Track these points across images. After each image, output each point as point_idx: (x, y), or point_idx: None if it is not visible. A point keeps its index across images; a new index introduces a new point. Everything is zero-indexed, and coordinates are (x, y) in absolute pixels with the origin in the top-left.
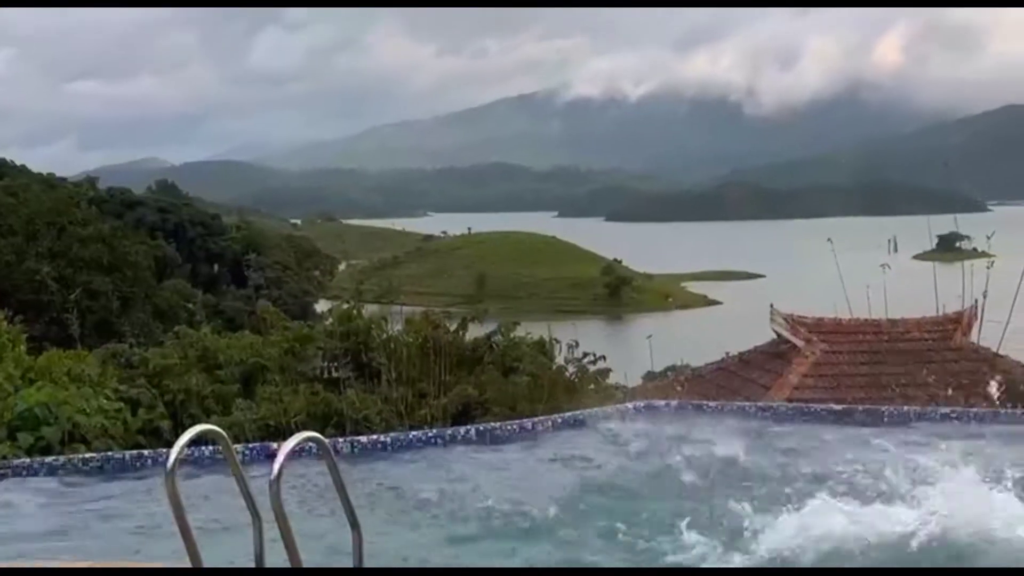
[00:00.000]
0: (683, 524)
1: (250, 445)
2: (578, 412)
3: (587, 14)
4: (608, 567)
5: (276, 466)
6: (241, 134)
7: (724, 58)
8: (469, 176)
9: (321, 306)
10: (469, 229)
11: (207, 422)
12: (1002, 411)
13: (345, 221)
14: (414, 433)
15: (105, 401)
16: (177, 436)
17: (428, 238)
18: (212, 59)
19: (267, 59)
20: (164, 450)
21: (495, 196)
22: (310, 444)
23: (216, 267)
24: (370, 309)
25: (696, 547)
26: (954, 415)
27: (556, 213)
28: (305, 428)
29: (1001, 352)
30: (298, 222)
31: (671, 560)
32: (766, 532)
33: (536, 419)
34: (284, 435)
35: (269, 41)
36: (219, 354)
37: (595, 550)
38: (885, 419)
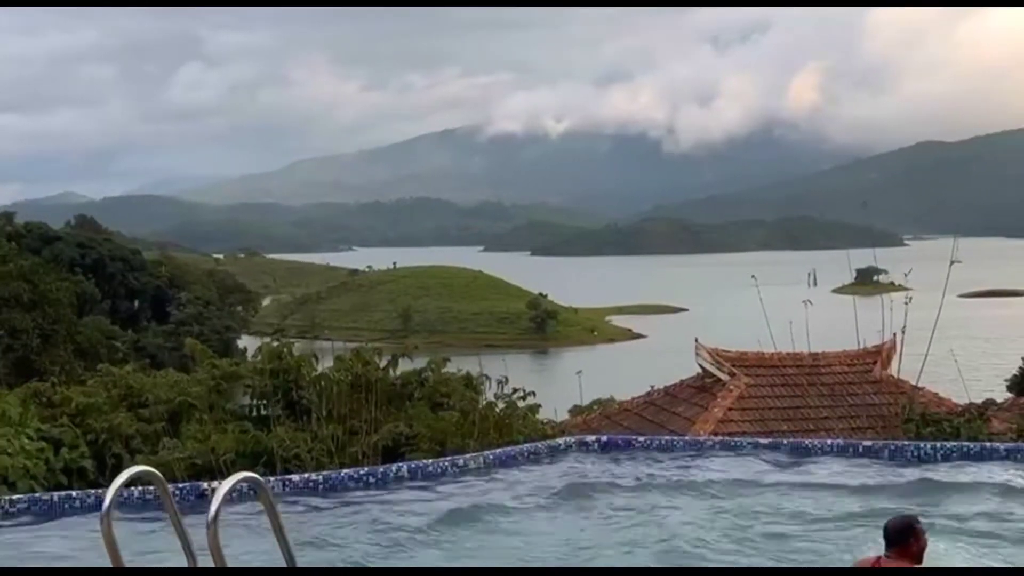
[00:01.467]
0: None
1: (180, 485)
2: (509, 448)
3: (510, 50)
4: (608, 567)
5: (213, 507)
6: (161, 168)
7: (643, 95)
8: (394, 211)
9: (244, 342)
10: (394, 264)
11: (132, 462)
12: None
13: (268, 256)
14: (346, 472)
15: (27, 441)
16: (101, 476)
17: (353, 273)
18: (131, 93)
19: (187, 93)
20: (93, 491)
21: (420, 231)
22: (243, 484)
23: (136, 303)
24: (300, 346)
25: None
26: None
27: (482, 247)
28: (234, 467)
29: (920, 384)
30: (220, 256)
31: None
32: None
33: (469, 455)
34: (213, 474)
35: (189, 75)
36: (144, 392)
37: None
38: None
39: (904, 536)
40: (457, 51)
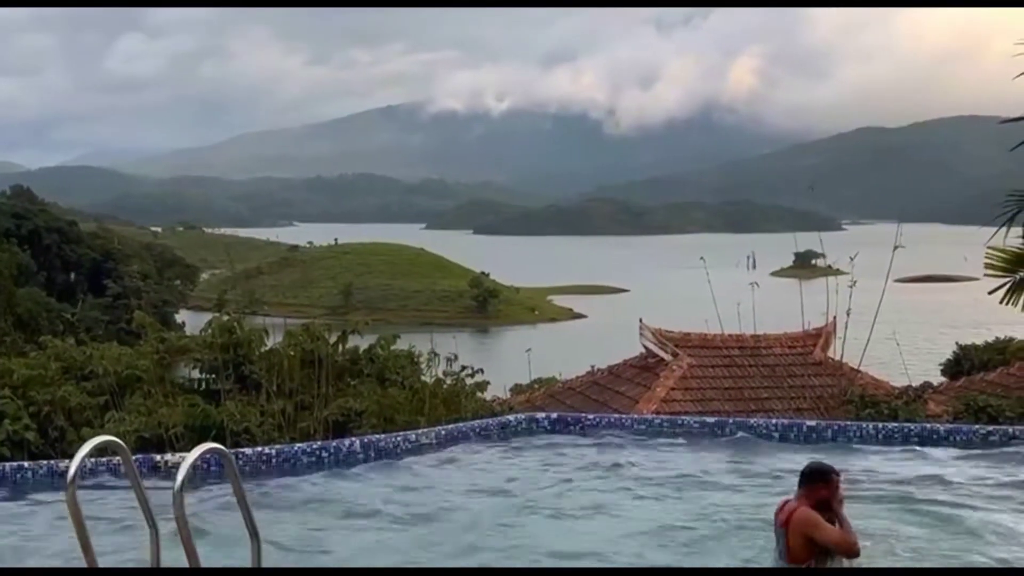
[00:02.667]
0: None
1: (134, 456)
2: (460, 424)
3: (456, 28)
4: (607, 567)
5: (180, 476)
6: (99, 140)
7: (586, 76)
8: (336, 187)
9: (182, 316)
10: (336, 240)
11: (77, 434)
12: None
13: (208, 230)
14: (299, 446)
15: None
16: (45, 448)
17: (294, 248)
18: (70, 63)
19: (128, 64)
20: (46, 462)
21: (363, 207)
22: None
23: (72, 276)
24: (251, 321)
25: None
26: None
27: (424, 225)
28: (183, 440)
29: (859, 367)
30: (159, 230)
31: None
32: None
33: (420, 431)
34: (161, 447)
35: (130, 46)
36: (88, 365)
37: None
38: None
39: (813, 479)
40: (403, 27)
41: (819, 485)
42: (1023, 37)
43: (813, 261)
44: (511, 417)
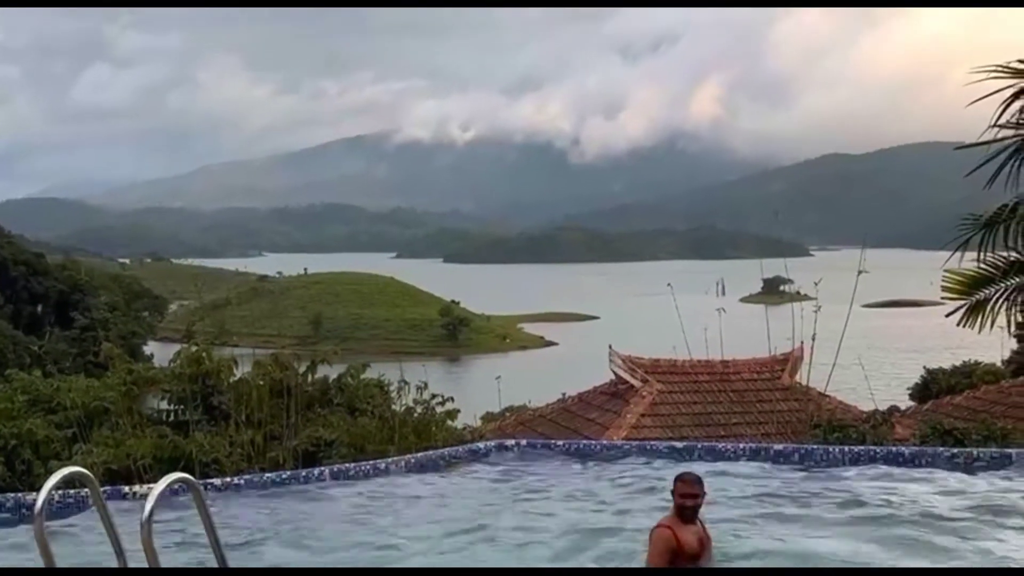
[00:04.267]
0: None
1: (103, 488)
2: (430, 452)
3: (424, 56)
4: (605, 567)
5: (148, 506)
6: (66, 171)
7: (551, 106)
8: (305, 217)
9: (151, 348)
10: (305, 270)
11: (44, 467)
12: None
13: (176, 261)
14: (268, 475)
15: None
16: (12, 481)
17: (263, 279)
18: (35, 93)
19: (94, 94)
20: (12, 495)
21: (331, 237)
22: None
23: (40, 308)
24: (219, 351)
25: None
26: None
27: (394, 254)
28: (151, 471)
29: (826, 392)
30: (127, 261)
31: None
32: None
33: (390, 459)
34: (130, 479)
35: (97, 76)
36: (55, 397)
37: None
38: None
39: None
40: (372, 56)
41: (673, 493)
42: (979, 65)
43: (781, 287)
44: (480, 444)
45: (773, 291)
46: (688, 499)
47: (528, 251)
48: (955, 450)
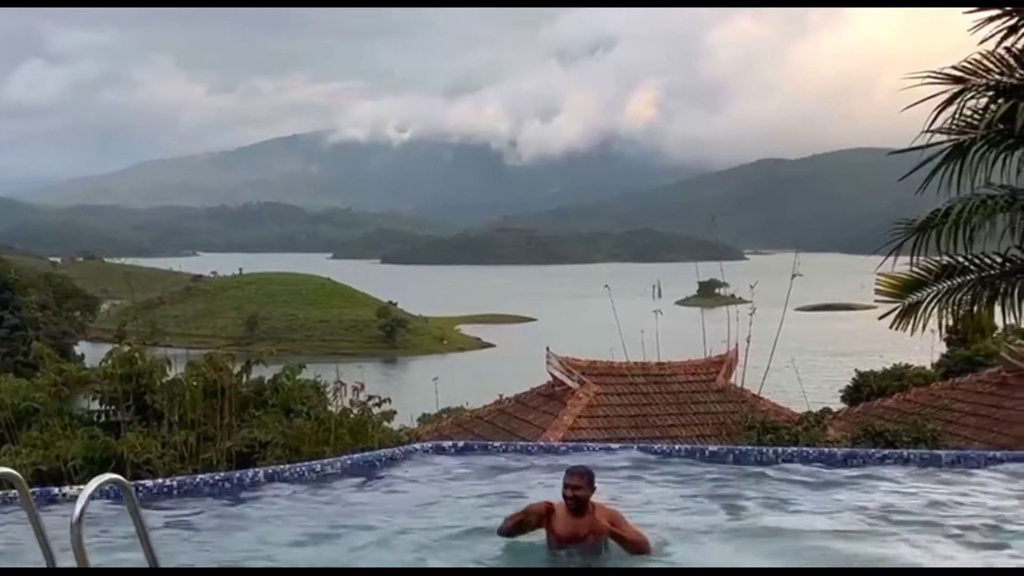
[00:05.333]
0: None
1: (32, 489)
2: (366, 453)
3: (362, 57)
4: (606, 567)
5: (77, 508)
6: None
7: (488, 108)
8: (240, 216)
9: (82, 348)
10: (240, 270)
11: None
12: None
13: (108, 260)
14: (202, 477)
15: None
16: None
17: (197, 278)
18: None
19: (26, 91)
20: None
21: (267, 237)
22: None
23: None
24: (152, 352)
25: None
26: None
27: (331, 255)
28: (82, 473)
29: (761, 394)
30: (58, 260)
31: None
32: None
33: (325, 461)
34: (59, 480)
35: (29, 73)
36: None
37: None
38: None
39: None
40: (309, 56)
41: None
42: (909, 71)
43: (716, 290)
44: (417, 445)
45: (709, 294)
46: (567, 489)
47: (466, 252)
48: (887, 451)
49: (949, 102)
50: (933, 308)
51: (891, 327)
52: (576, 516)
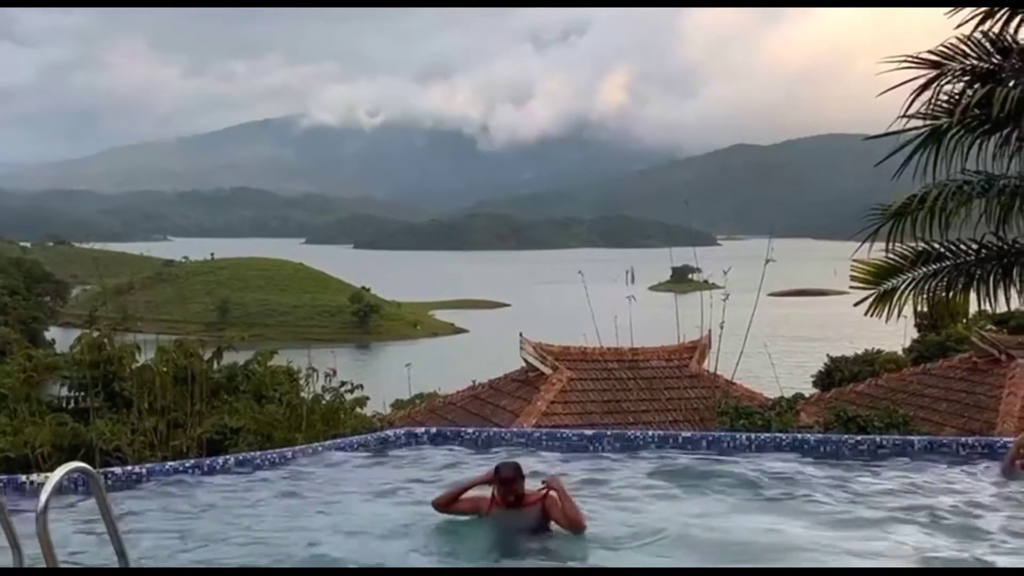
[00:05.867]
0: None
1: None
2: (338, 440)
3: (335, 40)
4: (606, 567)
5: (43, 498)
6: None
7: (460, 93)
8: (212, 201)
9: (52, 333)
10: (212, 255)
11: None
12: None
13: (79, 245)
14: (171, 464)
15: None
16: None
17: (168, 263)
18: None
19: None
20: None
21: (240, 222)
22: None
23: None
24: (122, 337)
25: None
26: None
27: (304, 240)
28: (51, 460)
29: (734, 379)
30: (28, 245)
31: None
32: None
33: (297, 448)
34: (27, 467)
35: None
36: None
37: None
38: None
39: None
40: (282, 39)
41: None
42: (883, 56)
43: (689, 275)
44: (390, 432)
45: (682, 279)
46: (506, 493)
47: (439, 238)
48: (859, 437)
49: (925, 87)
50: (908, 295)
51: (866, 314)
52: (513, 510)
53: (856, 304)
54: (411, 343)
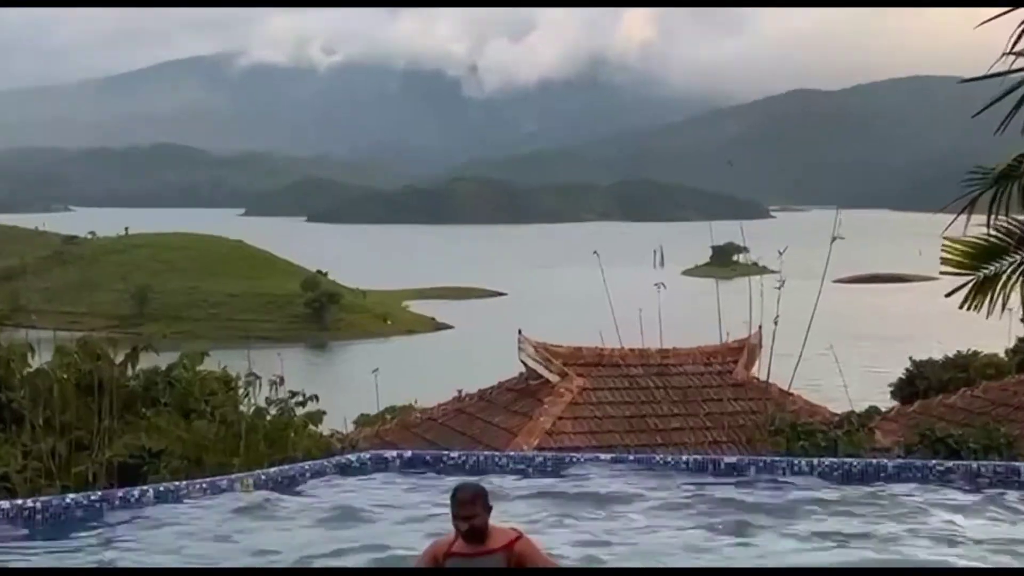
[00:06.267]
0: None
1: None
2: (286, 467)
3: None
4: (606, 567)
5: None
6: None
7: (440, 25)
8: (126, 160)
9: None
10: (126, 229)
11: None
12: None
13: None
14: (73, 496)
15: None
16: None
17: (70, 240)
18: None
19: None
20: None
21: (162, 188)
22: None
23: None
24: (11, 335)
25: None
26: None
27: (243, 211)
28: None
29: (790, 389)
30: None
31: None
32: None
33: (234, 476)
34: None
35: None
36: None
37: None
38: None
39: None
40: None
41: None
42: None
43: (734, 257)
44: (352, 456)
45: (725, 262)
46: (460, 521)
47: (416, 209)
48: (950, 463)
49: None
50: (1016, 282)
51: (961, 306)
52: (477, 544)
53: (948, 294)
54: (380, 342)
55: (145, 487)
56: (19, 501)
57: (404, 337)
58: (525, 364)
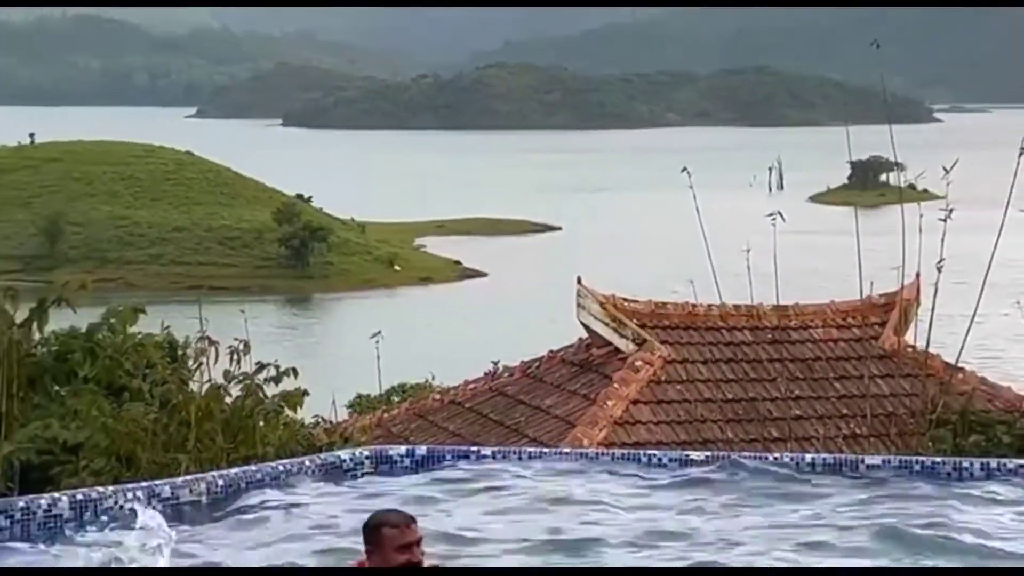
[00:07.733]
0: None
1: None
2: (252, 467)
3: None
4: (608, 567)
5: None
6: None
7: None
8: (34, 38)
9: None
10: (32, 137)
11: None
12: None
13: None
14: None
15: None
16: None
17: None
18: None
19: None
20: None
21: (83, 76)
22: None
23: None
24: None
25: None
26: None
27: (194, 110)
28: None
29: (961, 362)
30: None
31: None
32: None
33: (180, 480)
34: None
35: None
36: None
37: None
38: None
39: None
40: None
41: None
42: None
43: (882, 177)
44: (345, 453)
45: (869, 184)
46: (403, 552)
47: (433, 108)
48: None
49: None
50: None
51: None
52: None
53: None
54: (384, 296)
55: (57, 494)
56: None
57: (417, 288)
58: (586, 326)
